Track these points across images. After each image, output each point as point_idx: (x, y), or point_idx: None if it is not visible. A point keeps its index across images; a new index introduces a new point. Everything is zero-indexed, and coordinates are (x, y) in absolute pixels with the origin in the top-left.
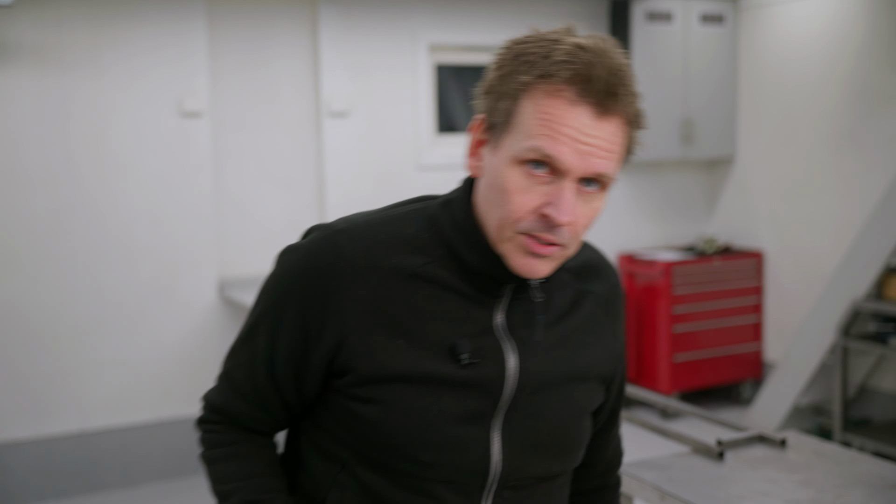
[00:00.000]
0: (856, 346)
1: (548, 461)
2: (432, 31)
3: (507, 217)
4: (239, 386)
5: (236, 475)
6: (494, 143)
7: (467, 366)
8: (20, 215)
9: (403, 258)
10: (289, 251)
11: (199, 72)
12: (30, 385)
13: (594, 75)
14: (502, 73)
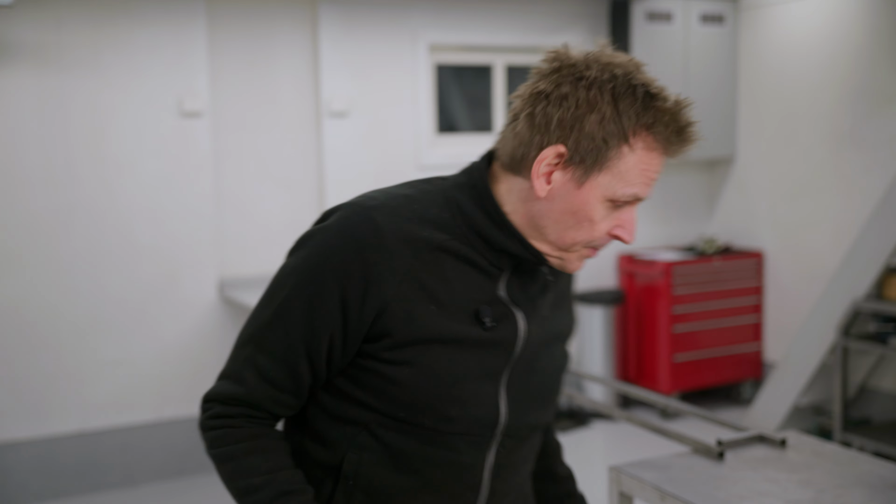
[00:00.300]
0: (856, 346)
1: (539, 412)
2: (432, 31)
3: (584, 239)
4: (266, 371)
5: (262, 468)
6: (580, 176)
7: (490, 329)
8: (20, 215)
9: (432, 233)
10: (319, 232)
11: (199, 72)
12: (30, 385)
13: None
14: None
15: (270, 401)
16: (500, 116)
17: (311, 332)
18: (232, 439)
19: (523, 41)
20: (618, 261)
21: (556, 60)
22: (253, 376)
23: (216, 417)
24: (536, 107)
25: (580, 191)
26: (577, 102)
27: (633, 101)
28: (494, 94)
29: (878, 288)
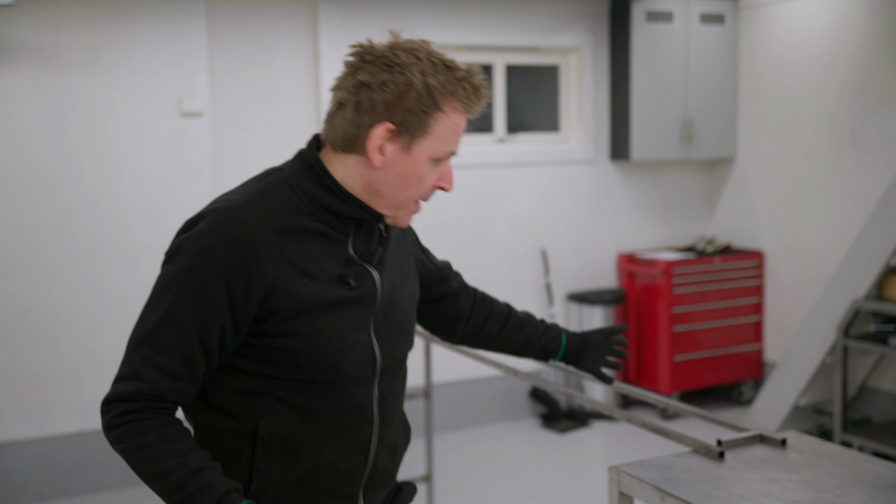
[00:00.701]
0: (856, 346)
1: (402, 345)
2: (432, 31)
3: (415, 195)
4: (164, 365)
5: (174, 452)
6: (406, 142)
7: (355, 288)
8: (20, 215)
9: (289, 218)
10: (192, 238)
11: (199, 72)
12: (30, 385)
13: (482, 92)
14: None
15: (172, 391)
16: (501, 116)
17: (203, 326)
18: (142, 430)
19: (523, 41)
20: (618, 261)
21: (368, 54)
22: (153, 372)
23: (122, 415)
24: (361, 95)
25: (409, 156)
26: (396, 86)
27: (437, 75)
28: (495, 94)
29: (878, 288)
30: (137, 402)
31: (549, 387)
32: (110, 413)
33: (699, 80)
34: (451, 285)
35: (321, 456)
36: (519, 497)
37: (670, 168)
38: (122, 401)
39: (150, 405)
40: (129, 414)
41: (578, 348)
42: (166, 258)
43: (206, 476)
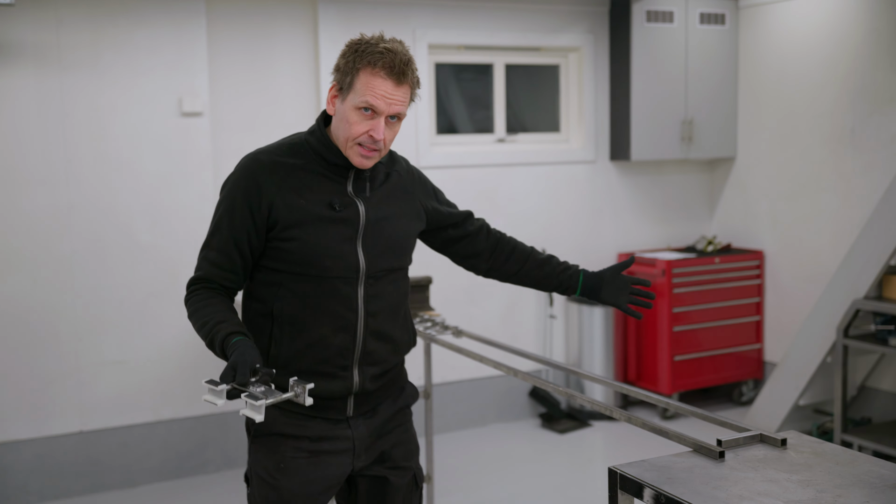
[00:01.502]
0: (856, 346)
1: (387, 259)
2: (432, 31)
3: (350, 136)
4: (214, 260)
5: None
6: (343, 97)
7: (340, 211)
8: (20, 215)
9: (294, 159)
10: (230, 175)
11: (199, 72)
12: (30, 385)
13: (395, 62)
14: (346, 60)
15: (218, 277)
16: (501, 116)
17: (237, 231)
18: (197, 300)
19: (523, 41)
20: (618, 261)
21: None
22: (207, 264)
23: (189, 294)
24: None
25: (343, 105)
26: (342, 59)
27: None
28: (495, 94)
29: (878, 288)
30: (198, 283)
31: (549, 387)
32: (187, 294)
33: (699, 80)
34: (467, 228)
35: (318, 332)
36: (519, 497)
37: (670, 168)
38: (191, 284)
39: (206, 286)
40: (192, 293)
41: (595, 284)
42: (221, 189)
43: (223, 325)
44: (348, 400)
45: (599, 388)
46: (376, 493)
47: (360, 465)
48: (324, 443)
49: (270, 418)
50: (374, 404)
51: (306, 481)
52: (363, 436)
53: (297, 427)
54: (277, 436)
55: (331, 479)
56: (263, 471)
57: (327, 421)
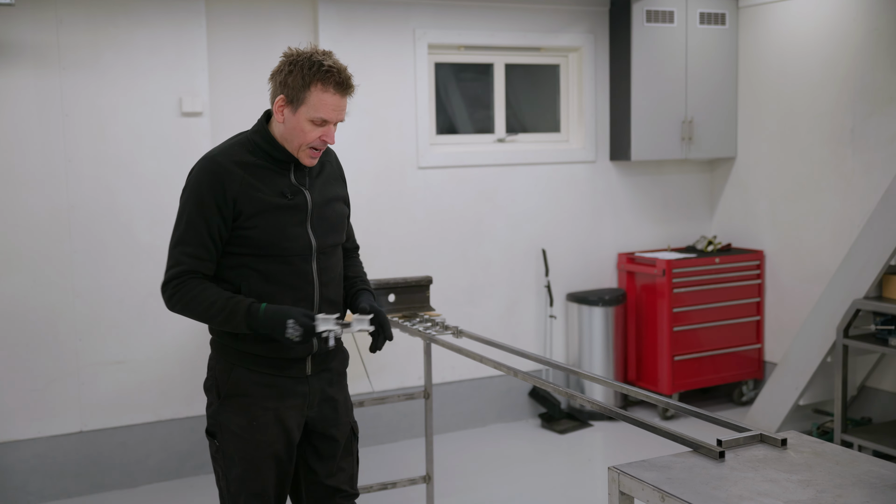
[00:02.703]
0: (856, 346)
1: (332, 237)
2: (432, 31)
3: (304, 143)
4: (193, 253)
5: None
6: (293, 109)
7: (291, 199)
8: (20, 215)
9: (245, 157)
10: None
11: (199, 72)
12: (30, 385)
13: (342, 80)
14: (294, 77)
15: (200, 266)
16: (501, 116)
17: (208, 224)
18: (190, 288)
19: (523, 41)
20: (618, 261)
21: (283, 56)
22: (187, 258)
23: (176, 287)
24: (274, 78)
25: (295, 116)
26: (287, 72)
27: (312, 67)
28: (495, 94)
29: (878, 288)
30: (182, 277)
31: (549, 387)
32: (168, 290)
33: (699, 80)
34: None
35: (282, 303)
36: (519, 497)
37: (670, 168)
38: (174, 279)
39: (190, 277)
40: (179, 286)
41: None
42: (181, 194)
43: (236, 297)
44: (306, 361)
45: (599, 388)
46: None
47: (312, 415)
48: (287, 398)
49: (240, 381)
50: (327, 363)
51: (275, 433)
52: (317, 390)
53: (263, 388)
54: (245, 396)
55: (293, 430)
56: (237, 427)
57: (290, 379)
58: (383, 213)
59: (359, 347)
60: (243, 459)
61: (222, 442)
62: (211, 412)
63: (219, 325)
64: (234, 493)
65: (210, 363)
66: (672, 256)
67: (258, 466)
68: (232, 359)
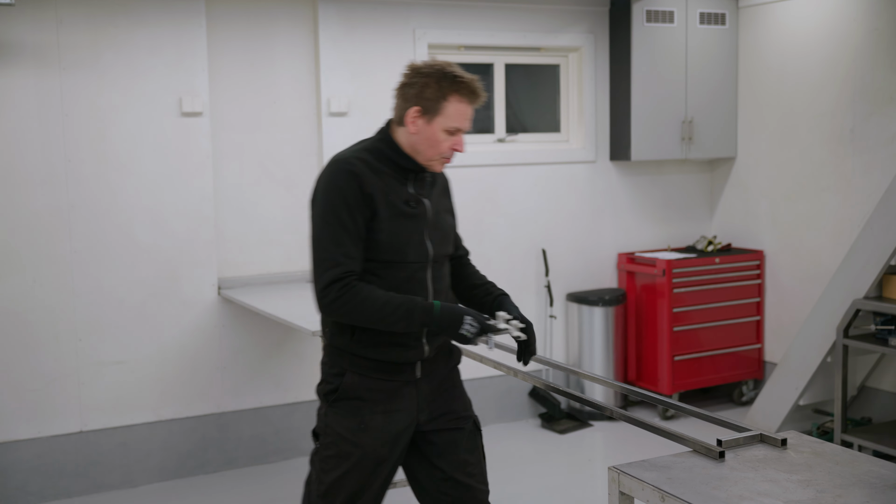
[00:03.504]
0: (856, 346)
1: (445, 247)
2: (432, 31)
3: (438, 153)
4: (351, 254)
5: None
6: (428, 120)
7: (413, 208)
8: (20, 215)
9: (376, 163)
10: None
11: (199, 72)
12: (30, 385)
13: (475, 89)
14: (430, 88)
15: (357, 266)
16: (501, 116)
17: (355, 225)
18: (359, 290)
19: (523, 41)
20: (618, 261)
21: (411, 70)
22: (345, 258)
23: (341, 289)
24: (403, 91)
25: (430, 126)
26: (421, 84)
27: (446, 79)
28: (494, 94)
29: (878, 288)
30: (345, 278)
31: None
32: (333, 292)
33: (699, 80)
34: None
35: None
36: (519, 497)
37: (670, 168)
38: (336, 281)
39: (353, 277)
40: (346, 287)
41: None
42: (315, 198)
43: (407, 296)
44: (416, 365)
45: (599, 388)
46: (453, 440)
47: (424, 418)
48: (396, 402)
49: (351, 385)
50: (435, 367)
51: (383, 437)
52: (426, 393)
53: (374, 392)
54: (357, 400)
55: (402, 434)
56: (345, 430)
57: (398, 383)
58: None
59: None
60: (346, 461)
61: (325, 443)
62: (320, 415)
63: (390, 324)
64: (329, 494)
65: (323, 367)
66: (672, 256)
67: (360, 469)
68: (344, 364)
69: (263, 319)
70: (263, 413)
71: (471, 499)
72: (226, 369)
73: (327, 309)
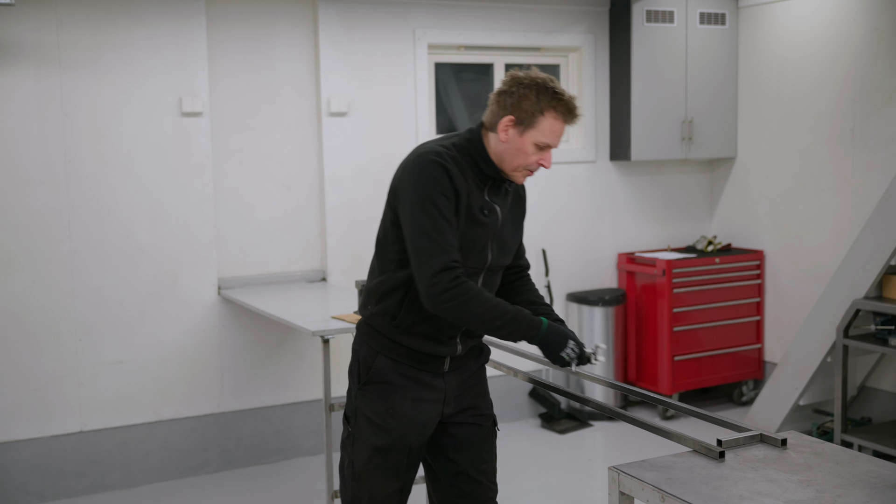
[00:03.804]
0: (856, 346)
1: (504, 258)
2: (432, 31)
3: (523, 164)
4: (450, 241)
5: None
6: (521, 130)
7: (487, 216)
8: (20, 215)
9: (461, 163)
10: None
11: (199, 72)
12: (30, 385)
13: (572, 108)
14: (528, 100)
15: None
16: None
17: (451, 215)
18: (470, 285)
19: (523, 41)
20: (618, 261)
21: (511, 78)
22: (452, 249)
23: (454, 279)
24: (501, 98)
25: (521, 139)
26: (519, 94)
27: (545, 94)
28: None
29: (878, 288)
30: (455, 268)
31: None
32: (444, 281)
33: (699, 80)
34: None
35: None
36: (519, 497)
37: (670, 168)
38: (448, 269)
39: (460, 270)
40: (457, 277)
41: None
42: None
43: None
44: (446, 359)
45: (599, 388)
46: (472, 435)
47: (448, 412)
48: (424, 391)
49: (383, 369)
50: (464, 363)
51: (410, 424)
52: (453, 387)
53: (404, 378)
54: (388, 384)
55: (428, 423)
56: (374, 414)
57: (428, 373)
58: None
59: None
60: (374, 446)
61: (355, 427)
62: (350, 396)
63: (493, 328)
64: (360, 479)
65: (354, 347)
66: (672, 256)
67: (388, 454)
68: (377, 346)
69: (263, 319)
70: (263, 413)
71: (481, 496)
72: (226, 369)
73: (438, 298)
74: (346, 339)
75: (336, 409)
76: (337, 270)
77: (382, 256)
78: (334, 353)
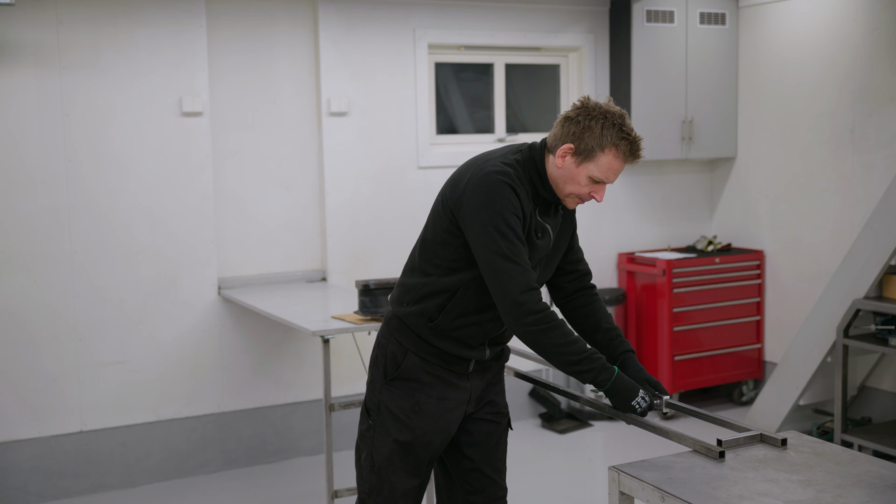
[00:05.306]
0: (856, 346)
1: (547, 276)
2: (432, 31)
3: (576, 193)
4: (524, 258)
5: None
6: (578, 161)
7: (539, 238)
8: (20, 215)
9: (525, 183)
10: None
11: (199, 72)
12: (30, 385)
13: (635, 150)
14: (592, 133)
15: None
16: (501, 116)
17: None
18: (555, 315)
19: (523, 41)
20: (618, 261)
21: (581, 104)
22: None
23: (545, 309)
24: (566, 124)
25: (577, 169)
26: (584, 125)
27: (611, 130)
28: (494, 94)
29: (878, 288)
30: (538, 289)
31: (550, 387)
32: (530, 301)
33: (699, 80)
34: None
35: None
36: (519, 497)
37: (670, 168)
38: (533, 289)
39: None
40: (546, 309)
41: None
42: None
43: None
44: (471, 362)
45: None
46: (489, 433)
47: (471, 410)
48: (449, 390)
49: (412, 366)
50: (488, 365)
51: (434, 422)
52: (478, 388)
53: (432, 377)
54: (415, 381)
55: (452, 422)
56: (398, 409)
57: (454, 374)
58: (383, 213)
59: (359, 348)
60: (396, 441)
61: (377, 420)
62: (373, 389)
63: (567, 363)
64: (380, 472)
65: (381, 340)
66: (672, 256)
67: (411, 450)
68: (408, 344)
69: (263, 319)
70: (263, 413)
71: (491, 494)
72: (226, 369)
73: (523, 320)
74: (346, 339)
75: (336, 409)
76: (337, 270)
77: (427, 259)
78: (334, 353)
